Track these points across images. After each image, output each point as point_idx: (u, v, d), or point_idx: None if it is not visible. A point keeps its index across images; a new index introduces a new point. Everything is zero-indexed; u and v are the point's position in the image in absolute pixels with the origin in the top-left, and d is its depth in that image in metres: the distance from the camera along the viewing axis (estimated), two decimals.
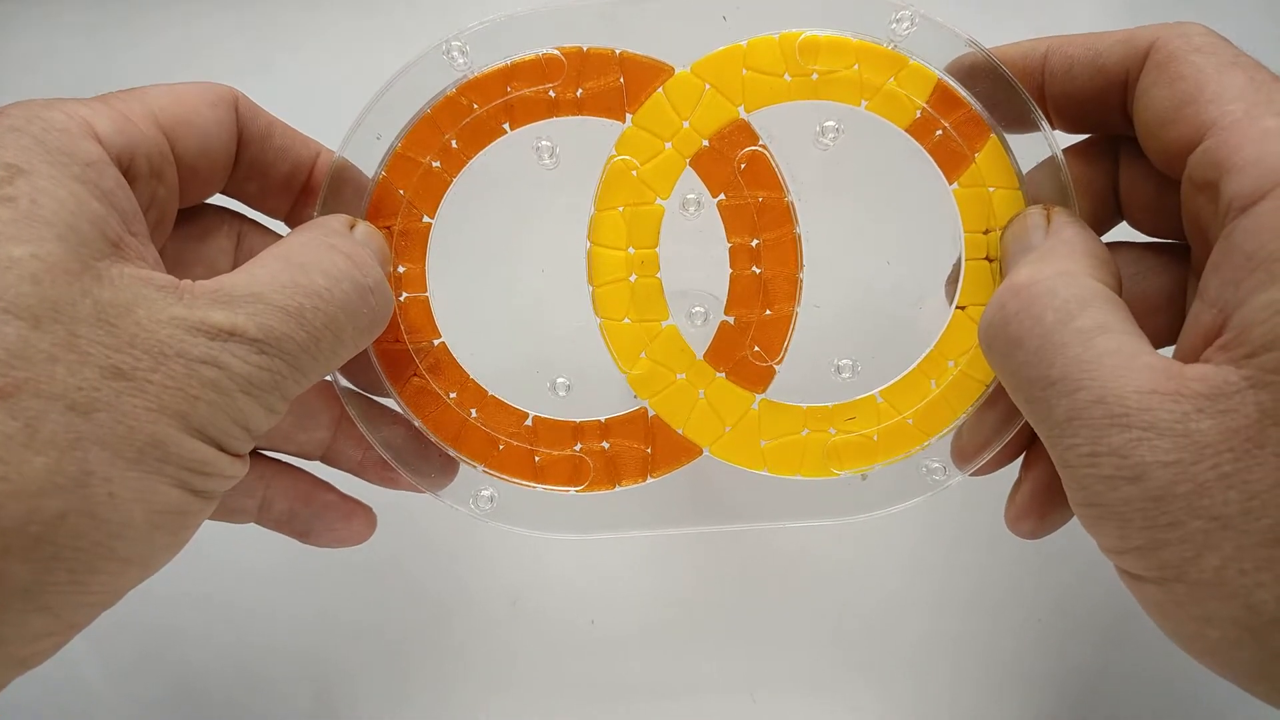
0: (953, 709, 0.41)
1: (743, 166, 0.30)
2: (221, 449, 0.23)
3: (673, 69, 0.29)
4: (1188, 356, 0.23)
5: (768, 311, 0.30)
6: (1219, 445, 0.20)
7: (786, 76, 0.29)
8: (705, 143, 0.29)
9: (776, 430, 0.31)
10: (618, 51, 0.29)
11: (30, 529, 0.20)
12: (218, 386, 0.22)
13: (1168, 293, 0.27)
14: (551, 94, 0.29)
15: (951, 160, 0.29)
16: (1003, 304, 0.24)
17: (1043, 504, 0.28)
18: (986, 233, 0.29)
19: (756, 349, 0.30)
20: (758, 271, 0.30)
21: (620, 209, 0.30)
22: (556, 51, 0.29)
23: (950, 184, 0.29)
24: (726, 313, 0.31)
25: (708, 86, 0.29)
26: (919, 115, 0.29)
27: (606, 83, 0.29)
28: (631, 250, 0.30)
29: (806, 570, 0.42)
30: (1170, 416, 0.21)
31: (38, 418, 0.20)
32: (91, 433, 0.20)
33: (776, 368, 0.31)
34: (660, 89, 0.29)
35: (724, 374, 0.31)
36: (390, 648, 0.42)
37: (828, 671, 0.41)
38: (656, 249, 0.30)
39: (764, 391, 0.31)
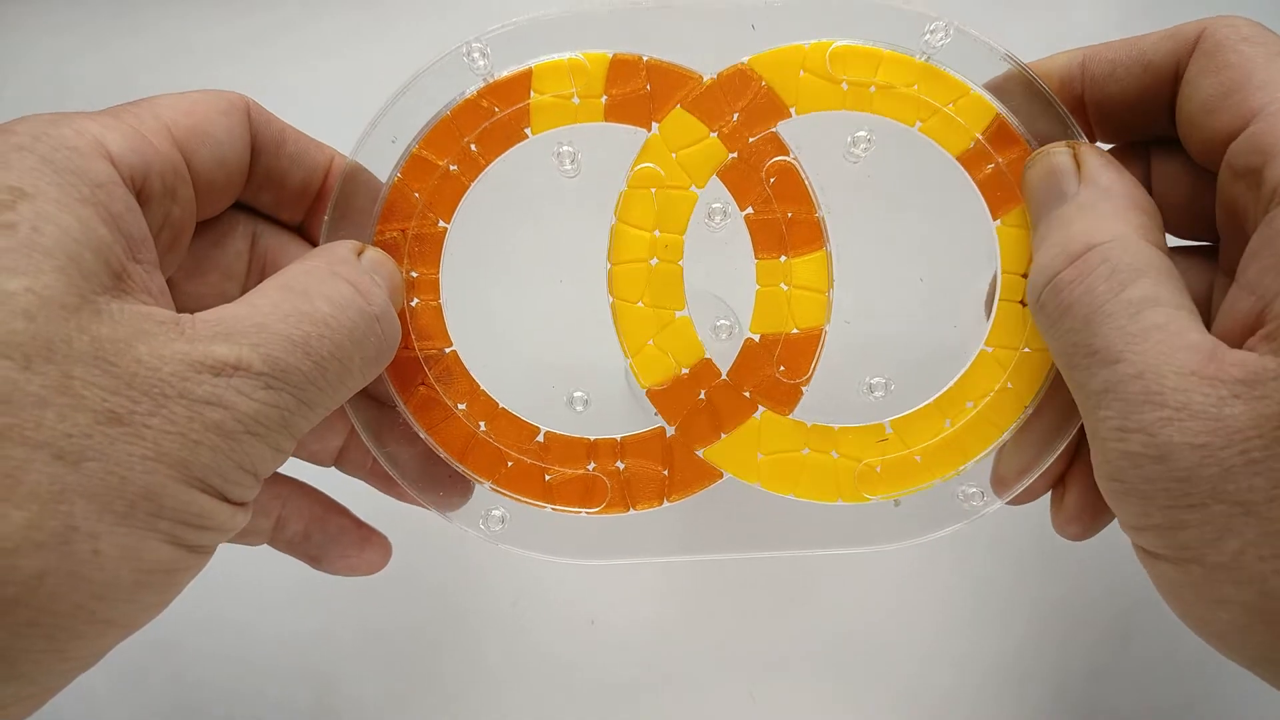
0: (953, 708, 0.41)
1: (772, 180, 0.29)
2: (224, 498, 0.21)
3: (700, 77, 0.28)
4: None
5: (795, 329, 0.29)
6: (1249, 431, 0.20)
7: (844, 85, 0.28)
8: (732, 155, 0.28)
9: (775, 445, 0.29)
10: (645, 58, 0.28)
11: (5, 591, 0.18)
12: (222, 429, 0.21)
13: (1195, 297, 0.26)
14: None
15: (1000, 196, 0.28)
16: (1057, 270, 0.24)
17: (1092, 507, 0.28)
18: (1025, 276, 0.28)
19: (783, 368, 0.29)
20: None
21: (653, 190, 0.29)
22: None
23: (994, 220, 0.28)
24: (752, 330, 0.29)
25: (764, 82, 0.28)
26: (972, 145, 0.28)
27: (633, 89, 0.28)
28: (657, 233, 0.29)
29: (806, 570, 0.42)
30: (1205, 400, 0.20)
31: (20, 467, 0.18)
32: (79, 484, 0.19)
33: (804, 389, 0.29)
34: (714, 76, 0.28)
35: (748, 393, 0.29)
36: (390, 649, 0.42)
37: (827, 669, 0.41)
38: (683, 236, 0.29)
39: (791, 412, 0.29)
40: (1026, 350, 0.28)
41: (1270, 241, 0.22)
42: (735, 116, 0.28)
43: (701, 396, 0.29)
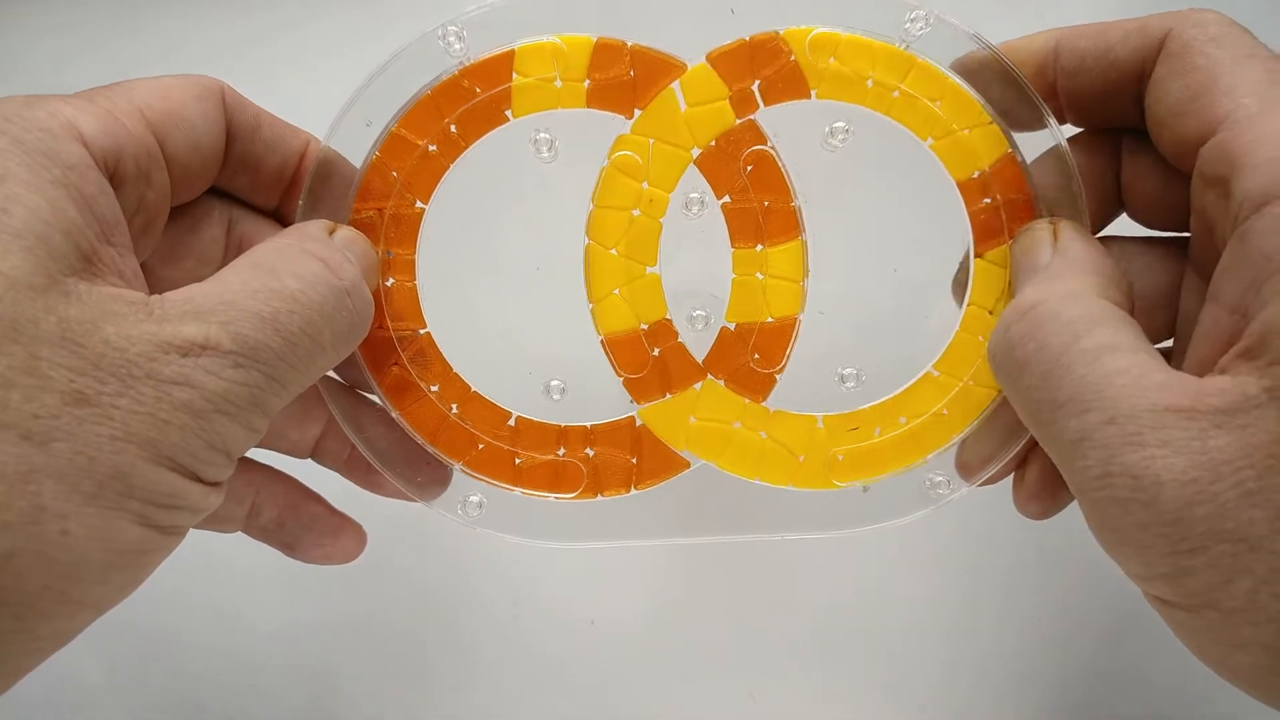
0: (952, 708, 0.41)
1: (749, 169, 0.28)
2: (196, 478, 0.21)
3: (685, 65, 0.28)
4: (1204, 365, 0.22)
5: (770, 318, 0.29)
6: (1239, 462, 0.19)
7: (870, 82, 0.28)
8: (712, 143, 0.28)
9: (709, 413, 0.29)
10: (629, 44, 0.28)
11: None
12: (191, 408, 0.20)
13: (1164, 290, 0.27)
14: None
15: (988, 231, 0.28)
16: (1008, 327, 0.24)
17: (1052, 485, 0.27)
18: (990, 313, 0.28)
19: (757, 356, 0.29)
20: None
21: (651, 142, 0.28)
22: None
23: (976, 254, 0.28)
24: (727, 319, 0.29)
25: (793, 57, 0.28)
26: (976, 175, 0.28)
27: (616, 75, 0.28)
28: (646, 185, 0.29)
29: (805, 569, 0.41)
30: (1185, 434, 0.20)
31: None
32: (46, 465, 0.19)
33: (777, 377, 0.29)
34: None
35: (723, 381, 0.29)
36: (389, 649, 0.42)
37: (826, 669, 0.41)
38: (671, 194, 0.29)
39: (764, 400, 0.29)
40: (970, 383, 0.28)
41: (1244, 256, 0.21)
42: (756, 85, 0.28)
43: (655, 354, 0.29)
